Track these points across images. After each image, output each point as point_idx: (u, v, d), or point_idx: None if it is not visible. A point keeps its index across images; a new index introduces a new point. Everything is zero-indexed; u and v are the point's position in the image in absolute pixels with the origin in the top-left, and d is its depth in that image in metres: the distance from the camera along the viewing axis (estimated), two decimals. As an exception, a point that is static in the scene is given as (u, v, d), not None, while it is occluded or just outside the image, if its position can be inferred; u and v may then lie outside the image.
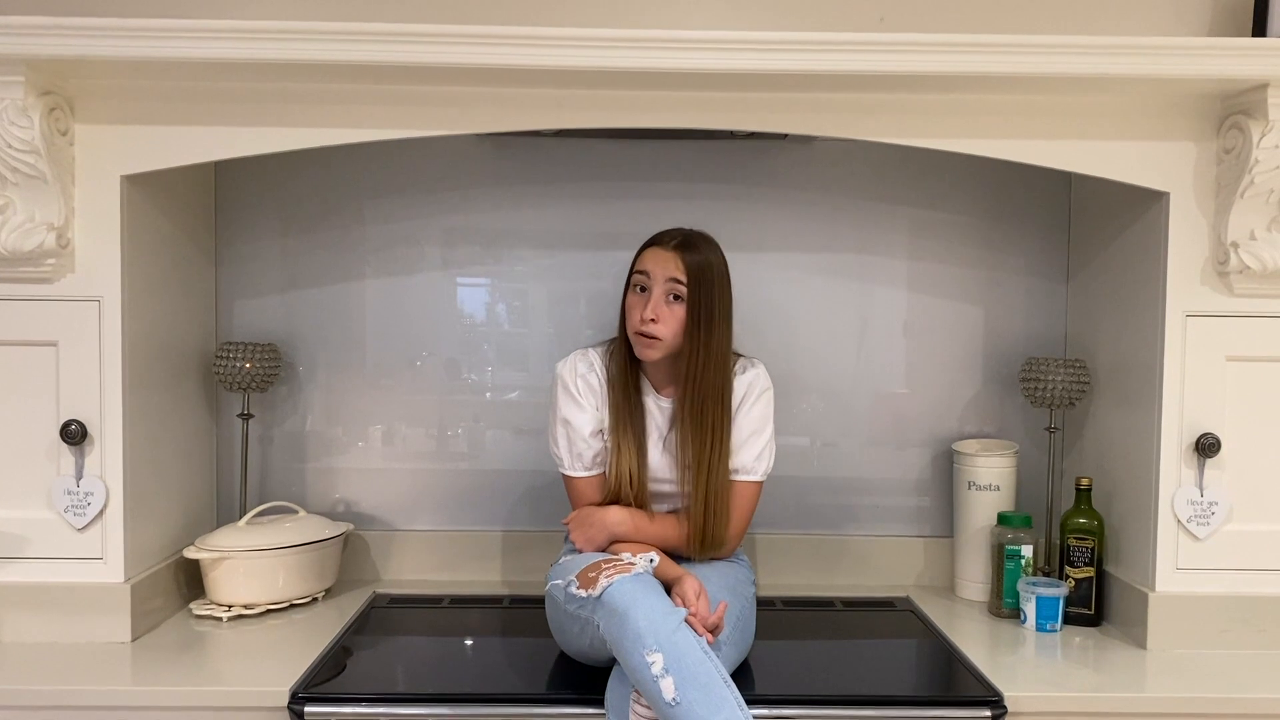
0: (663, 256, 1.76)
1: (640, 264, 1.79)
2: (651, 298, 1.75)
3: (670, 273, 1.75)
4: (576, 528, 1.79)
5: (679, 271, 1.75)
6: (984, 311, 2.21)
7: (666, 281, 1.75)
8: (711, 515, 1.77)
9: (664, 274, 1.75)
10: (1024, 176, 2.15)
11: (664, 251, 1.77)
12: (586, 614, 1.54)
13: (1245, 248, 1.73)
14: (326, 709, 1.54)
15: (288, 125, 1.75)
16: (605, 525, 1.77)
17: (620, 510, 1.78)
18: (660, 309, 1.75)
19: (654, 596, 1.49)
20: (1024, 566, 1.95)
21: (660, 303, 1.75)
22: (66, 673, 1.62)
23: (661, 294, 1.75)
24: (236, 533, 1.95)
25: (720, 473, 1.78)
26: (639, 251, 1.81)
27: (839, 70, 1.64)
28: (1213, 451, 1.78)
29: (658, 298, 1.75)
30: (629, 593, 1.49)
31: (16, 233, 1.67)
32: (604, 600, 1.50)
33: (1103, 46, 1.63)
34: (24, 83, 1.62)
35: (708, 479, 1.77)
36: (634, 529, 1.77)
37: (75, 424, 1.73)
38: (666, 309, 1.75)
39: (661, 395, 1.85)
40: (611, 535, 1.76)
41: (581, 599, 1.55)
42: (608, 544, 1.77)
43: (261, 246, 2.18)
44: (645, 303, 1.75)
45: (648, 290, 1.76)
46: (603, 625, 1.49)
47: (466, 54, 1.61)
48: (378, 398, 2.21)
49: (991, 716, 1.56)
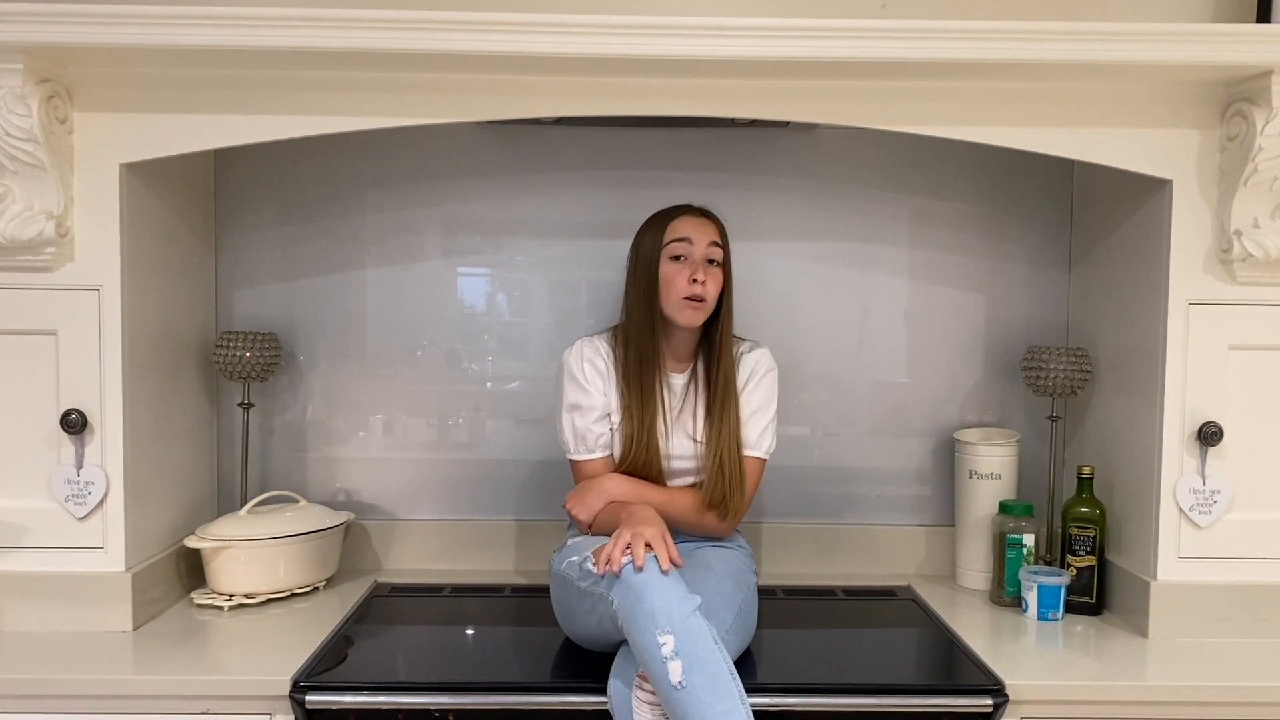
0: (699, 223, 1.82)
1: (677, 230, 1.81)
2: (694, 261, 1.79)
3: (710, 237, 1.81)
4: (574, 500, 1.80)
5: (716, 236, 1.82)
6: (986, 300, 2.21)
7: (708, 246, 1.80)
8: (725, 478, 1.79)
9: (705, 239, 1.80)
10: (1026, 164, 2.14)
11: (697, 219, 1.83)
12: (601, 590, 1.55)
13: (1248, 236, 1.72)
14: (328, 698, 1.54)
15: (287, 113, 1.74)
16: (602, 489, 1.78)
17: (618, 476, 1.81)
18: (705, 271, 1.79)
19: (672, 578, 1.50)
20: (1025, 555, 1.95)
21: (703, 266, 1.79)
22: (68, 662, 1.62)
23: (702, 258, 1.80)
24: (237, 522, 1.95)
25: (735, 437, 1.81)
26: (664, 222, 1.82)
27: (841, 57, 1.63)
28: (1215, 440, 1.77)
29: (699, 260, 1.79)
30: (647, 571, 1.49)
31: (15, 221, 1.67)
32: (622, 576, 1.50)
33: (1106, 33, 1.62)
34: (22, 70, 1.61)
35: (723, 441, 1.80)
36: (632, 493, 1.78)
37: (75, 413, 1.72)
38: (707, 272, 1.80)
39: (672, 372, 1.87)
40: (608, 497, 1.77)
41: (598, 575, 1.55)
42: (604, 506, 1.76)
43: (261, 235, 2.17)
44: (690, 268, 1.79)
45: (687, 257, 1.79)
46: (617, 601, 1.49)
47: (467, 41, 1.61)
48: (378, 387, 2.21)
49: (993, 705, 1.56)
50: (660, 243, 1.81)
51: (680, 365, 1.87)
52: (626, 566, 1.50)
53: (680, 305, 1.79)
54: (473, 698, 1.55)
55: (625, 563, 1.51)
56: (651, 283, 1.81)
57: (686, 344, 1.86)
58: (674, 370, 1.87)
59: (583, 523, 1.78)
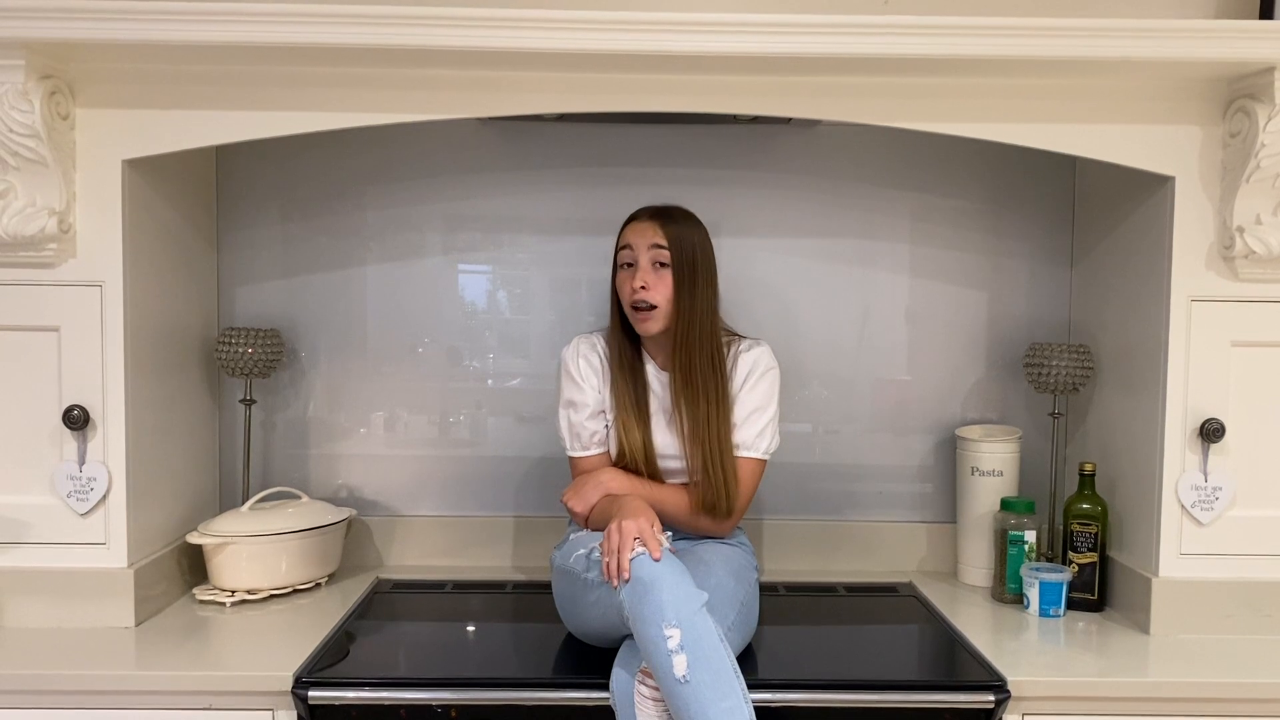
0: (641, 227, 1.81)
1: (622, 240, 1.83)
2: (639, 268, 1.79)
3: (651, 240, 1.79)
4: (571, 493, 1.80)
5: (659, 238, 1.79)
6: (988, 297, 2.21)
7: (650, 250, 1.79)
8: (710, 481, 1.78)
9: (646, 243, 1.79)
10: (1028, 161, 2.14)
11: (641, 223, 1.82)
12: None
13: (1251, 232, 1.72)
14: (330, 693, 1.54)
15: (289, 109, 1.74)
16: (600, 482, 1.78)
17: (615, 470, 1.82)
18: (648, 276, 1.78)
19: (680, 574, 1.50)
20: (1027, 552, 1.95)
21: (648, 271, 1.79)
22: (70, 658, 1.62)
23: (648, 263, 1.79)
24: (239, 518, 1.95)
25: (722, 439, 1.79)
26: (620, 232, 1.84)
27: (843, 53, 1.63)
28: (1217, 437, 1.77)
29: (644, 267, 1.79)
30: (656, 566, 1.49)
31: (18, 217, 1.67)
32: (631, 568, 1.50)
33: (1108, 30, 1.62)
34: (24, 66, 1.61)
35: (705, 443, 1.78)
36: (628, 486, 1.78)
37: (78, 409, 1.73)
38: (654, 276, 1.79)
39: (663, 370, 1.87)
40: (604, 490, 1.77)
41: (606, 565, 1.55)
42: (599, 500, 1.76)
43: (263, 232, 2.17)
44: (633, 274, 1.79)
45: (634, 264, 1.80)
46: (625, 592, 1.49)
47: (468, 37, 1.60)
48: (380, 384, 2.21)
49: (994, 701, 1.56)
50: (616, 249, 1.84)
51: (666, 364, 1.87)
52: (636, 559, 1.50)
53: (632, 314, 1.81)
54: (474, 693, 1.55)
55: (634, 554, 1.51)
56: (615, 292, 1.85)
57: (664, 345, 1.85)
58: (661, 368, 1.88)
59: (579, 515, 1.78)
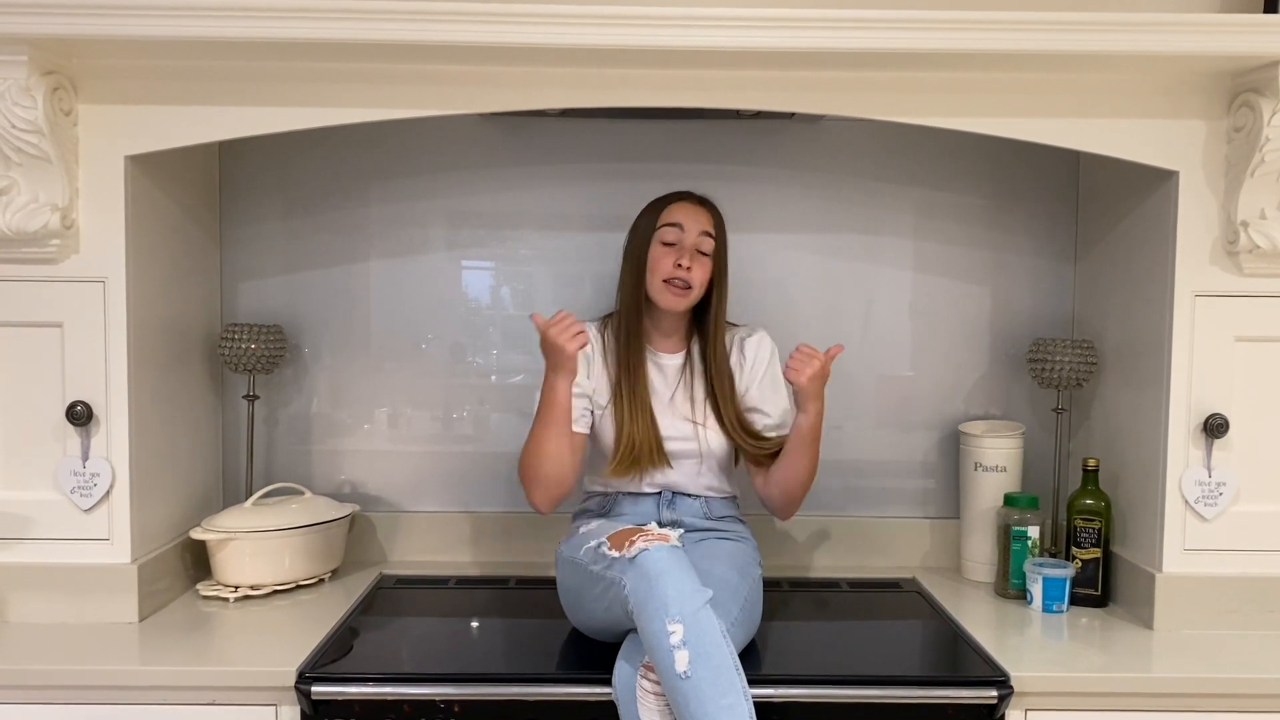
0: (694, 210, 1.84)
1: (671, 216, 1.83)
2: (684, 247, 1.81)
3: (703, 225, 1.82)
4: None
5: (710, 225, 1.84)
6: (991, 292, 2.20)
7: (699, 235, 1.82)
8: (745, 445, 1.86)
9: (697, 226, 1.82)
10: (1031, 156, 2.14)
11: (693, 206, 1.85)
12: (614, 574, 1.55)
13: (1255, 227, 1.71)
14: (333, 689, 1.55)
15: (292, 105, 1.74)
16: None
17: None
18: (693, 258, 1.80)
19: (686, 569, 1.50)
20: (1030, 547, 1.95)
21: (693, 253, 1.81)
22: (73, 653, 1.62)
23: (693, 245, 1.81)
24: (243, 514, 1.95)
25: (738, 410, 1.86)
26: (660, 207, 1.85)
27: (846, 47, 1.62)
28: (1221, 432, 1.77)
29: (690, 247, 1.81)
30: (663, 560, 1.50)
31: (20, 213, 1.67)
32: (638, 561, 1.51)
33: (1113, 23, 1.61)
34: (27, 62, 1.60)
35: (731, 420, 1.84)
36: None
37: (81, 405, 1.73)
38: (695, 259, 1.81)
39: (663, 353, 1.88)
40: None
41: (613, 558, 1.56)
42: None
43: (266, 228, 2.17)
44: (678, 253, 1.80)
45: (678, 243, 1.82)
46: (630, 586, 1.50)
47: (471, 32, 1.60)
48: (383, 380, 2.21)
49: (998, 697, 1.55)
50: (654, 225, 1.84)
51: (672, 347, 1.89)
52: (643, 553, 1.51)
53: (662, 288, 1.81)
54: (478, 689, 1.55)
55: (641, 549, 1.51)
56: (640, 264, 1.84)
57: (674, 327, 1.88)
58: (665, 351, 1.89)
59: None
